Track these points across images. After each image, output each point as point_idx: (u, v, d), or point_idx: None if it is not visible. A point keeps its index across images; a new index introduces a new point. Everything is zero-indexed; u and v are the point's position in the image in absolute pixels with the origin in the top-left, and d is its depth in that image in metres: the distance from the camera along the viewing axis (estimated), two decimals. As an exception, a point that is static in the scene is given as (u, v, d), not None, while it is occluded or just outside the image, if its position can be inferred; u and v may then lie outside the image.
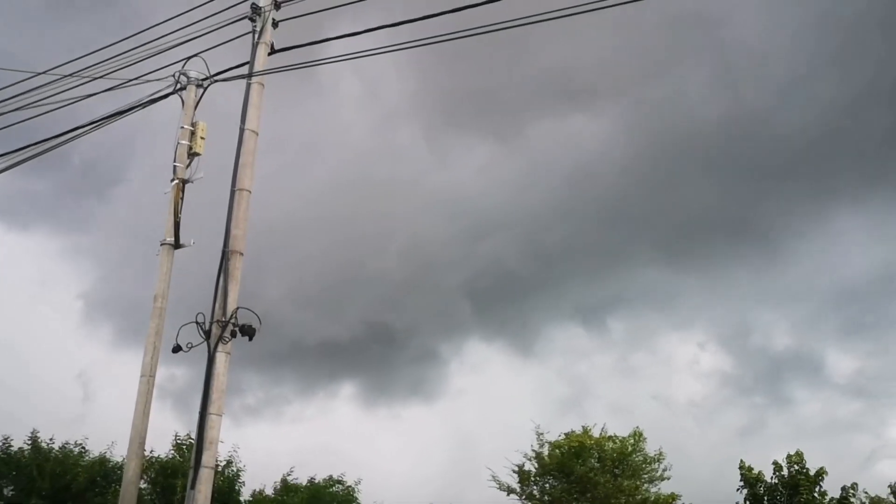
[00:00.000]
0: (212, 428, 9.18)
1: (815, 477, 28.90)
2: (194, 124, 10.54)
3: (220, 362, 9.34)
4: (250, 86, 10.45)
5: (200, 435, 9.18)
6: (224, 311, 9.47)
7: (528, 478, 28.39)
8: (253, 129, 10.29)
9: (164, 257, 10.19)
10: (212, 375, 9.29)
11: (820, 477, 28.91)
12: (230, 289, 9.57)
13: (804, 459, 29.46)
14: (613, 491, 26.47)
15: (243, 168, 10.08)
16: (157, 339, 9.88)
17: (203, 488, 8.94)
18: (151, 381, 9.80)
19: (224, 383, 9.35)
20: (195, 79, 10.72)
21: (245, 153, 10.15)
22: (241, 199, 9.96)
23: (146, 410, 9.66)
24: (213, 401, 9.23)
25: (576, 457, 27.38)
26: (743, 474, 30.25)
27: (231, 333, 9.42)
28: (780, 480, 29.50)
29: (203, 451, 9.09)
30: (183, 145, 10.39)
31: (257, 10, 10.71)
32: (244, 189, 9.99)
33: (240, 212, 9.90)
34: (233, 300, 9.53)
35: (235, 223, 9.84)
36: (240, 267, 9.75)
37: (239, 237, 9.81)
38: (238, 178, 10.04)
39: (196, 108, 10.66)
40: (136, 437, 9.62)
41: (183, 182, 10.29)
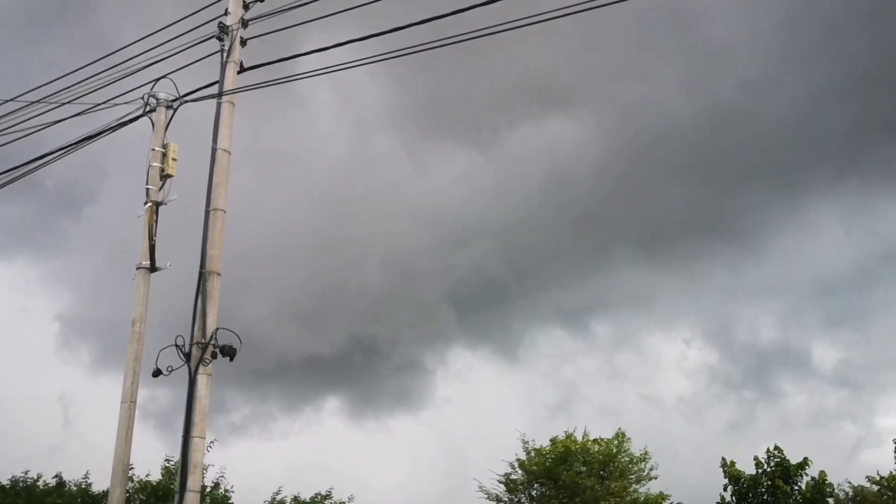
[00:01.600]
0: (196, 451, 9.11)
1: (797, 468, 29.15)
2: (165, 146, 10.47)
3: (201, 384, 9.27)
4: (221, 105, 10.41)
5: (185, 458, 9.09)
6: (203, 333, 9.40)
7: (515, 486, 28.35)
8: (225, 149, 10.25)
9: (140, 281, 10.09)
10: (193, 398, 9.22)
11: (803, 468, 29.15)
12: (209, 310, 9.51)
13: (783, 453, 29.74)
14: (602, 493, 26.49)
15: (217, 188, 10.04)
16: (137, 364, 9.78)
17: (189, 512, 8.86)
18: (132, 407, 9.70)
19: (206, 405, 9.28)
20: (164, 100, 10.65)
21: (218, 173, 10.11)
22: (216, 219, 9.91)
23: (128, 437, 9.56)
24: (195, 423, 9.15)
25: (562, 462, 27.38)
26: (725, 470, 30.48)
27: (211, 355, 9.36)
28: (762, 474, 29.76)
29: (188, 474, 9.01)
30: (155, 167, 10.32)
31: (225, 29, 10.68)
32: (219, 209, 9.94)
33: (215, 232, 9.85)
34: (212, 321, 9.47)
35: (211, 243, 9.79)
36: (218, 287, 9.69)
37: (215, 257, 9.75)
38: (212, 198, 9.99)
39: (166, 129, 10.60)
40: (118, 464, 9.51)
41: (156, 205, 10.21)
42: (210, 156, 10.20)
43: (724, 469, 30.38)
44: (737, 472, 30.06)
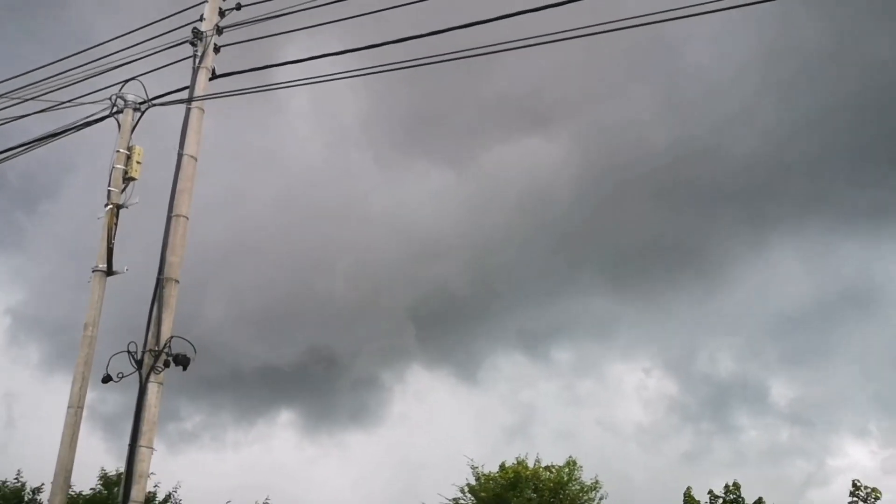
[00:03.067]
0: (142, 461, 8.91)
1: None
2: (130, 148, 10.30)
3: (151, 393, 9.08)
4: (190, 110, 10.31)
5: (129, 468, 8.89)
6: (157, 340, 9.23)
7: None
8: (192, 155, 10.14)
9: (95, 284, 9.88)
10: (143, 406, 9.03)
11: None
12: (164, 317, 9.35)
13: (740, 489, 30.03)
14: (550, 522, 26.47)
15: (181, 194, 9.91)
16: (87, 369, 9.55)
17: (131, 524, 8.65)
18: (79, 413, 9.45)
19: (156, 415, 9.09)
20: (132, 102, 10.49)
21: (183, 179, 9.98)
22: (178, 226, 9.77)
23: (73, 443, 9.31)
24: (143, 432, 8.96)
25: (511, 489, 27.30)
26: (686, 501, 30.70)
27: (164, 363, 9.18)
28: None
29: (132, 484, 8.81)
30: (118, 169, 10.13)
31: (199, 34, 10.59)
32: (181, 215, 9.81)
33: (176, 238, 9.70)
34: (167, 329, 9.30)
35: (172, 250, 9.64)
36: (175, 295, 9.53)
37: (175, 264, 9.60)
38: (175, 204, 9.86)
39: (132, 131, 10.44)
40: (61, 470, 9.24)
41: (117, 207, 10.03)
42: (175, 161, 10.07)
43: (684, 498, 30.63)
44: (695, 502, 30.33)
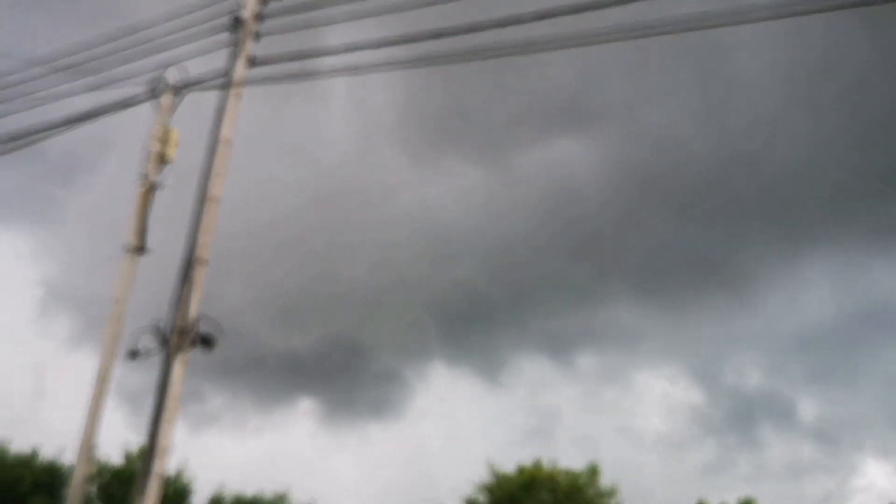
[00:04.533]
0: (164, 436, 9.09)
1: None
2: (167, 131, 10.51)
3: (176, 371, 9.26)
4: (227, 96, 10.45)
5: (152, 443, 9.07)
6: (184, 320, 9.41)
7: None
8: (226, 139, 10.29)
9: (126, 261, 10.10)
10: (167, 384, 9.21)
11: None
12: (192, 297, 9.52)
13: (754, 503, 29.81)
14: (564, 525, 26.42)
15: (214, 177, 10.05)
16: (114, 344, 9.77)
17: (151, 497, 8.84)
18: (105, 386, 9.68)
19: (179, 392, 9.27)
20: (172, 85, 10.70)
21: (217, 163, 10.13)
22: (210, 208, 9.93)
23: (98, 415, 9.54)
24: (166, 409, 9.14)
25: (527, 490, 27.27)
26: None
27: (191, 342, 9.36)
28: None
29: (154, 458, 8.99)
30: (154, 151, 10.35)
31: (239, 21, 10.73)
32: (213, 198, 9.97)
33: (208, 220, 9.86)
34: (194, 309, 9.47)
35: (202, 231, 9.80)
36: (203, 275, 9.70)
37: (204, 245, 9.76)
38: (208, 187, 10.01)
39: (170, 114, 10.64)
40: (86, 441, 9.48)
41: (151, 187, 10.24)
42: (209, 145, 10.23)
43: None
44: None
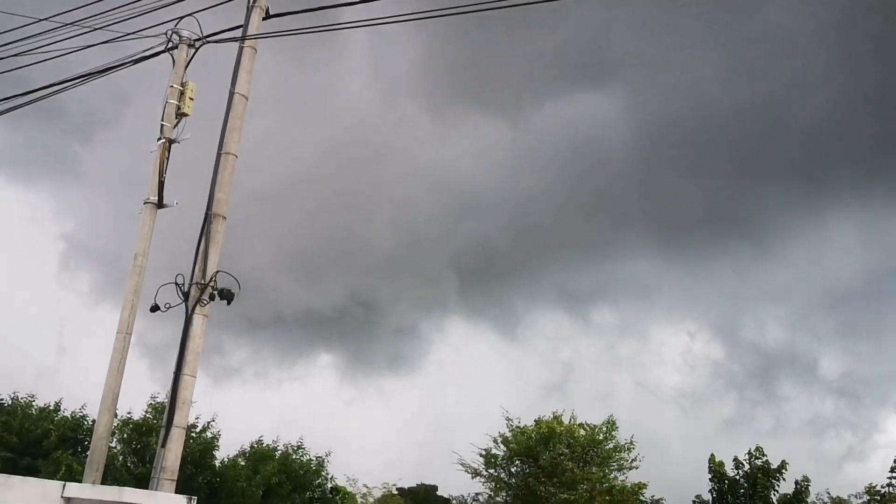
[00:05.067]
0: (185, 388, 9.24)
1: (776, 471, 29.37)
2: (184, 84, 10.50)
3: (196, 324, 9.38)
4: (242, 49, 10.41)
5: (174, 395, 9.22)
6: (204, 274, 9.49)
7: (494, 462, 28.54)
8: (243, 94, 10.27)
9: (146, 216, 10.16)
10: (188, 337, 9.33)
11: (781, 471, 29.36)
12: (211, 252, 9.59)
13: (765, 454, 29.94)
14: (580, 477, 26.70)
15: (231, 132, 10.06)
16: (136, 297, 9.87)
17: (173, 447, 9.01)
18: (127, 339, 9.81)
19: (200, 345, 9.39)
20: (187, 38, 10.65)
21: (233, 117, 10.13)
22: (227, 163, 9.95)
23: (121, 367, 9.67)
24: (187, 362, 9.27)
25: (544, 443, 27.54)
26: (712, 468, 30.71)
27: (209, 296, 9.46)
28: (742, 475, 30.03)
29: (175, 410, 9.14)
30: (171, 105, 10.35)
31: (254, -28, 10.62)
32: (230, 153, 9.98)
33: (225, 175, 9.89)
34: (213, 263, 9.55)
35: (220, 187, 9.84)
36: (222, 231, 9.76)
37: (222, 201, 9.81)
38: (225, 142, 10.02)
39: (186, 68, 10.61)
40: (108, 393, 9.63)
41: (169, 142, 10.25)
42: (227, 99, 10.22)
43: (710, 466, 30.65)
44: (722, 470, 30.32)
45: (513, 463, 28.54)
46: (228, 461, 35.56)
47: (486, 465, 28.55)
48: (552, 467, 26.99)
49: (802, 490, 29.41)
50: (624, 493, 27.25)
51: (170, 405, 9.24)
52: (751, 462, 29.90)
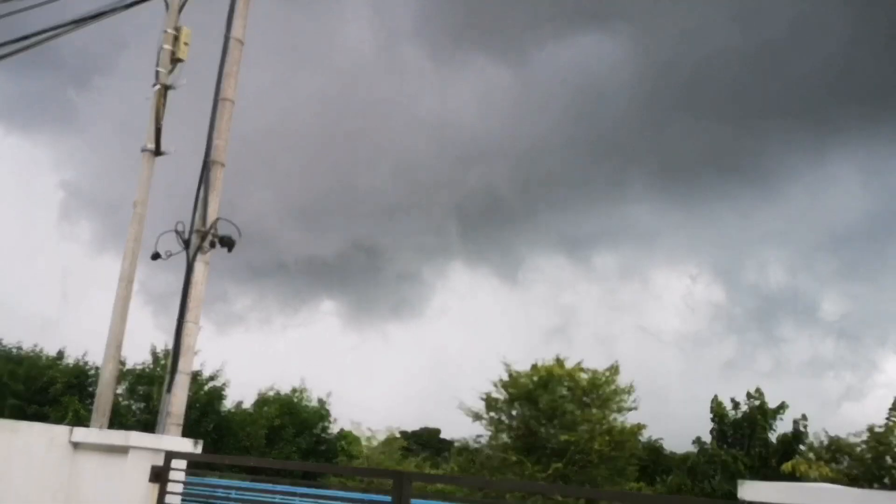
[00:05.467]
0: (188, 335, 9.31)
1: (774, 412, 29.81)
2: (178, 29, 10.34)
3: (198, 272, 9.41)
4: (237, -8, 10.24)
5: (177, 342, 9.30)
6: (204, 222, 9.49)
7: (495, 405, 28.91)
8: (238, 38, 10.12)
9: (144, 163, 10.12)
10: (190, 284, 9.37)
11: (780, 411, 29.80)
12: (210, 199, 9.57)
13: (763, 395, 30.34)
14: (580, 419, 27.08)
15: (227, 78, 9.95)
16: (136, 245, 9.90)
17: (178, 393, 9.11)
18: (129, 287, 9.86)
19: (202, 292, 9.43)
20: (181, -19, 10.46)
21: (229, 62, 10.00)
22: (224, 110, 9.86)
23: (123, 315, 9.74)
24: (190, 309, 9.32)
25: (543, 387, 27.86)
26: (713, 408, 31.19)
27: (210, 244, 9.47)
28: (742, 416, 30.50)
29: (179, 357, 9.23)
30: (166, 50, 10.21)
31: (247, -87, 10.39)
32: (227, 99, 9.88)
33: (222, 122, 9.81)
34: (213, 211, 9.54)
35: (218, 133, 9.77)
36: (220, 178, 9.72)
37: (220, 148, 9.75)
38: (222, 88, 9.91)
39: (181, 12, 10.45)
40: (112, 340, 9.72)
41: (165, 88, 10.14)
42: (222, 44, 10.08)
43: (712, 406, 31.11)
44: (723, 411, 30.81)
45: (513, 406, 28.92)
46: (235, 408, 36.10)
47: (486, 409, 28.95)
48: (552, 410, 27.37)
49: (801, 430, 29.87)
50: (623, 433, 27.66)
51: (174, 352, 9.32)
52: (749, 403, 30.34)
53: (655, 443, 36.72)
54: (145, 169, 10.12)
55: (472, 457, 29.84)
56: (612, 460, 27.44)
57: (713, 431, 31.51)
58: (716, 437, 31.22)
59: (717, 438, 31.15)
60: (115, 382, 9.90)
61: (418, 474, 5.10)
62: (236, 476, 29.72)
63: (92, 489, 5.88)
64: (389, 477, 5.11)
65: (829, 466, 27.59)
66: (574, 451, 26.08)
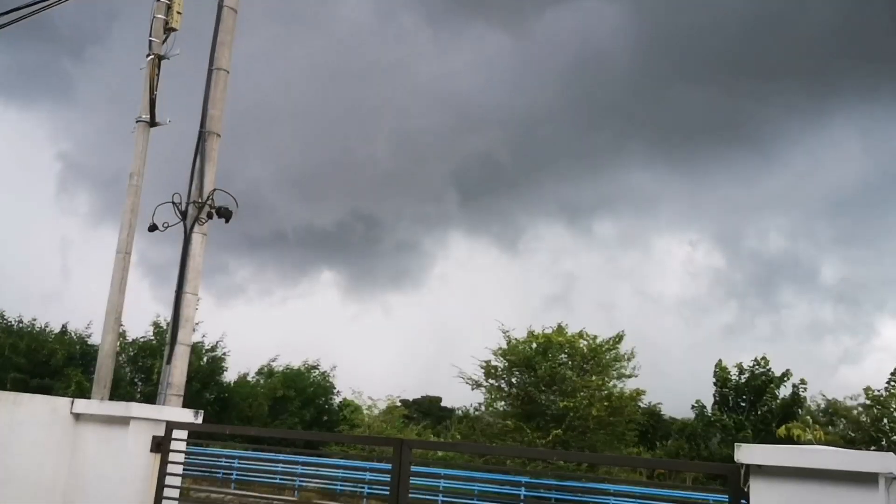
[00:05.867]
0: (187, 306, 9.32)
1: (780, 379, 30.06)
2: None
3: (196, 243, 9.39)
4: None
5: (176, 313, 9.31)
6: (200, 193, 9.45)
7: (494, 373, 29.01)
8: (231, 6, 10.01)
9: (139, 134, 10.06)
10: (188, 255, 9.36)
11: (784, 378, 30.04)
12: (207, 170, 9.52)
13: (769, 363, 30.56)
14: (580, 385, 27.21)
15: (221, 47, 9.85)
16: (133, 217, 9.87)
17: (178, 363, 9.14)
18: (127, 258, 9.85)
19: (200, 264, 9.43)
20: (172, -51, 10.32)
21: (223, 31, 9.90)
22: (219, 79, 9.78)
23: (122, 287, 9.75)
24: (188, 280, 9.33)
25: (542, 354, 27.96)
26: (717, 374, 31.44)
27: (207, 215, 9.43)
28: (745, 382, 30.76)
29: (179, 328, 9.25)
30: (159, 19, 10.11)
31: None
32: (221, 68, 9.80)
33: (217, 92, 9.73)
34: (209, 181, 9.49)
35: (212, 103, 9.69)
36: (216, 148, 9.66)
37: (216, 118, 9.68)
38: (216, 57, 9.82)
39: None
40: (111, 312, 9.74)
41: (158, 58, 10.05)
42: (216, 13, 9.97)
43: (716, 371, 31.36)
44: (727, 375, 31.07)
45: (512, 374, 29.04)
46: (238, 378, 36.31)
47: (485, 377, 29.05)
48: (551, 377, 27.50)
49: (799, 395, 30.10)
50: (622, 399, 27.82)
51: (173, 323, 9.34)
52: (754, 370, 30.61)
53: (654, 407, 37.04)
54: (140, 140, 10.06)
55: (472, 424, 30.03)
56: (611, 426, 27.63)
57: (715, 396, 31.79)
58: (718, 401, 31.51)
59: (718, 403, 31.44)
60: (115, 354, 9.94)
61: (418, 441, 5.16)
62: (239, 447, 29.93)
63: (94, 460, 5.92)
64: (389, 444, 5.14)
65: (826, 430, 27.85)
66: (573, 418, 26.24)
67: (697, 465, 14.61)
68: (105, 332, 9.75)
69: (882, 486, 3.64)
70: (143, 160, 10.00)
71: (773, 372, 30.35)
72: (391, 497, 4.94)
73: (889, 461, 3.58)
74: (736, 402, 30.92)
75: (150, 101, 10.03)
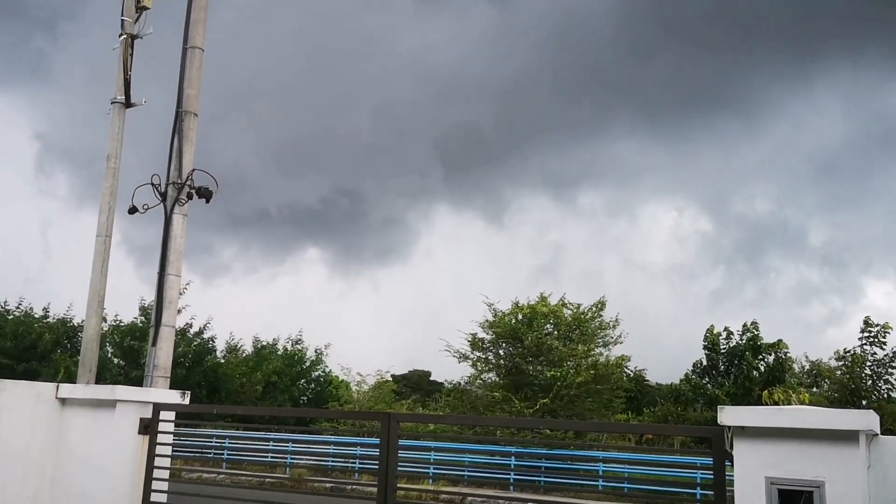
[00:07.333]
0: (171, 288, 9.28)
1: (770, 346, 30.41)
2: (141, -25, 10.08)
3: (176, 224, 9.33)
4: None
5: (160, 295, 9.28)
6: (180, 173, 9.38)
7: (481, 345, 29.15)
8: (204, -17, 9.88)
9: (115, 116, 9.94)
10: (169, 237, 9.31)
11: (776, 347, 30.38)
12: (185, 150, 9.44)
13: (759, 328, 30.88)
14: (566, 354, 27.39)
15: (195, 25, 9.73)
16: (112, 200, 9.79)
17: (164, 345, 9.12)
18: (108, 241, 9.78)
19: (182, 245, 9.38)
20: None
21: (197, 9, 9.78)
22: (194, 58, 9.67)
23: (104, 270, 9.69)
24: (171, 262, 9.28)
25: (528, 325, 28.10)
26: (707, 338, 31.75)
27: (187, 195, 9.37)
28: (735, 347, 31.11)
29: (163, 310, 9.22)
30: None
31: None
32: (196, 47, 9.68)
33: (192, 71, 9.63)
34: (188, 162, 9.42)
35: (188, 83, 9.59)
36: (195, 128, 9.58)
37: (192, 97, 9.58)
38: (190, 36, 9.71)
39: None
40: (94, 296, 9.68)
41: (131, 37, 9.91)
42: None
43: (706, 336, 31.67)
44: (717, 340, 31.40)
45: (499, 345, 29.18)
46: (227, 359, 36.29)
47: (472, 349, 29.19)
48: (537, 347, 27.67)
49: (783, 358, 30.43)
50: (609, 366, 28.05)
51: (157, 305, 9.31)
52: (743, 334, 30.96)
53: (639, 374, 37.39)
54: (116, 121, 9.95)
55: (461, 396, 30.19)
56: (598, 393, 27.88)
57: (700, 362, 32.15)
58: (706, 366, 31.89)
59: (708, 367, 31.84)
60: (98, 337, 9.89)
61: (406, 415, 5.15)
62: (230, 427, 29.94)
63: (81, 444, 5.91)
64: (377, 419, 5.16)
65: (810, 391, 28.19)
66: (560, 387, 26.44)
67: (682, 429, 14.64)
68: (88, 315, 9.70)
69: (863, 443, 3.70)
70: (119, 142, 9.89)
71: (761, 338, 30.68)
72: (380, 470, 4.97)
73: (869, 418, 3.63)
74: (727, 368, 31.28)
75: (124, 82, 9.90)
